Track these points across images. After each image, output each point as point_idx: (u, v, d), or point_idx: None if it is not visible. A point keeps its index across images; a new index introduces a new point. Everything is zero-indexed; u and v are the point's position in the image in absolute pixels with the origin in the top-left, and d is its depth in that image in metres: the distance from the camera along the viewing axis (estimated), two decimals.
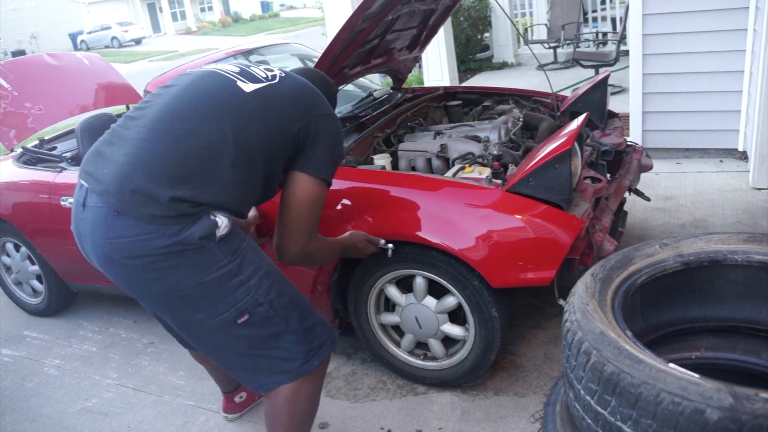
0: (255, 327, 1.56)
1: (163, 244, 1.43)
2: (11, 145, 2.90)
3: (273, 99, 1.60)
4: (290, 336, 1.60)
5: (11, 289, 3.51)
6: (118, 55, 26.95)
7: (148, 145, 1.48)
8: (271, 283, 1.58)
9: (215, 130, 1.51)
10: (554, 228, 1.94)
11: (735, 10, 3.74)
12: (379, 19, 2.38)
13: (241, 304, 1.52)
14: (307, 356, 1.63)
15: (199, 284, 1.48)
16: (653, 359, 1.23)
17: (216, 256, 1.49)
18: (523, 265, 1.96)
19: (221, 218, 1.50)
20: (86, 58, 3.43)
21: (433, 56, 6.35)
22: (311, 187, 1.63)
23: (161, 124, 1.51)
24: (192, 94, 1.57)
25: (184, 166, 1.47)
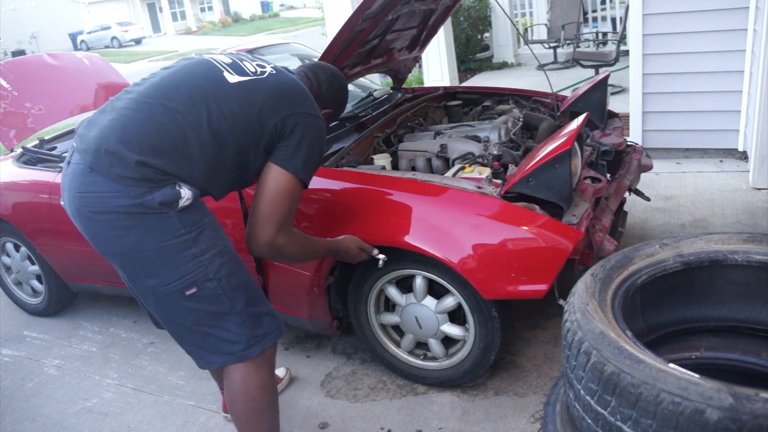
0: (202, 302, 1.61)
1: (125, 203, 1.52)
2: (11, 145, 2.90)
3: (253, 92, 1.66)
4: (235, 318, 1.65)
5: (11, 289, 3.51)
6: (118, 55, 26.96)
7: (129, 114, 1.59)
8: (223, 262, 1.63)
9: (192, 111, 1.60)
10: (551, 239, 1.88)
11: (735, 10, 3.74)
12: (379, 19, 2.38)
13: (191, 276, 1.58)
14: (250, 342, 1.68)
15: (155, 248, 1.55)
16: (653, 359, 1.23)
17: (174, 224, 1.56)
18: (515, 277, 1.91)
19: (185, 190, 1.58)
20: (86, 58, 3.43)
21: (433, 56, 6.35)
22: (281, 179, 1.67)
23: (146, 98, 1.61)
24: (181, 76, 1.67)
25: (156, 137, 1.56)
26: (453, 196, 2.04)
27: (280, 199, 1.67)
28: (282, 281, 2.35)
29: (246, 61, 1.75)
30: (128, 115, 1.58)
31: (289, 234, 1.72)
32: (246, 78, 1.68)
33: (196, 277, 1.59)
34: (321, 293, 2.28)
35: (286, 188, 1.68)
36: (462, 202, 2.02)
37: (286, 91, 1.70)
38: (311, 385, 2.46)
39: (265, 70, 1.73)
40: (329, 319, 2.35)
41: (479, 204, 2.00)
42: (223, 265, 1.63)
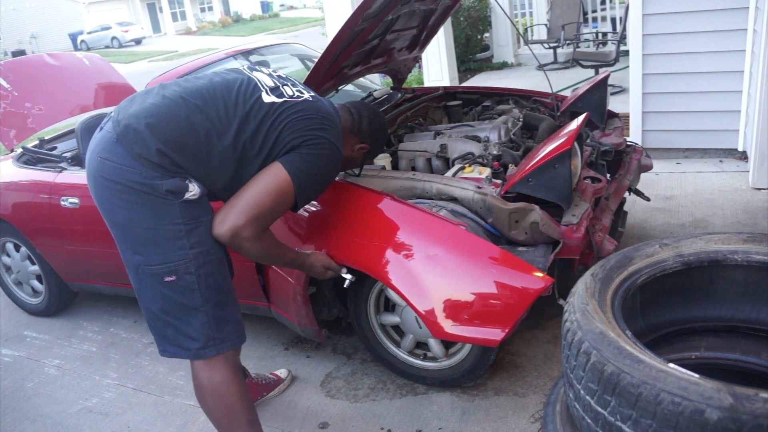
0: (176, 291, 1.68)
1: (136, 179, 1.62)
2: (11, 145, 2.90)
3: (282, 112, 1.73)
4: (201, 316, 1.71)
5: (11, 289, 3.51)
6: (118, 55, 26.95)
7: (168, 104, 1.68)
8: (207, 261, 1.69)
9: (223, 121, 1.69)
10: (516, 282, 1.74)
11: (735, 10, 3.74)
12: (379, 19, 2.38)
13: (174, 264, 1.66)
14: (207, 342, 1.73)
15: (148, 228, 1.64)
16: (653, 359, 1.23)
17: (174, 212, 1.64)
18: (468, 320, 1.80)
19: (194, 185, 1.67)
20: (86, 58, 3.43)
21: (433, 56, 6.35)
22: (278, 175, 1.71)
23: (188, 95, 1.70)
24: (225, 86, 1.76)
25: (184, 134, 1.65)
26: (422, 222, 1.95)
27: (267, 194, 1.70)
28: (276, 283, 2.35)
29: (287, 86, 1.83)
30: (166, 104, 1.67)
31: (258, 231, 1.71)
32: (280, 99, 1.76)
33: (178, 267, 1.66)
34: (304, 302, 2.23)
35: (277, 186, 1.70)
36: (428, 231, 1.93)
37: (312, 114, 1.77)
38: (311, 385, 2.46)
39: (302, 96, 1.81)
40: (316, 327, 2.30)
41: (447, 235, 1.89)
42: (206, 263, 1.69)
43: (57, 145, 3.57)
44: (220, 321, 1.73)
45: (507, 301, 1.74)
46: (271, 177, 1.71)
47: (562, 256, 1.99)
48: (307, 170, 1.73)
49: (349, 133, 1.97)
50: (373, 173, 2.22)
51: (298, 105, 1.76)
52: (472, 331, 1.78)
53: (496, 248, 1.86)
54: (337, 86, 2.79)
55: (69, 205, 2.83)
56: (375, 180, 2.19)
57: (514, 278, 1.76)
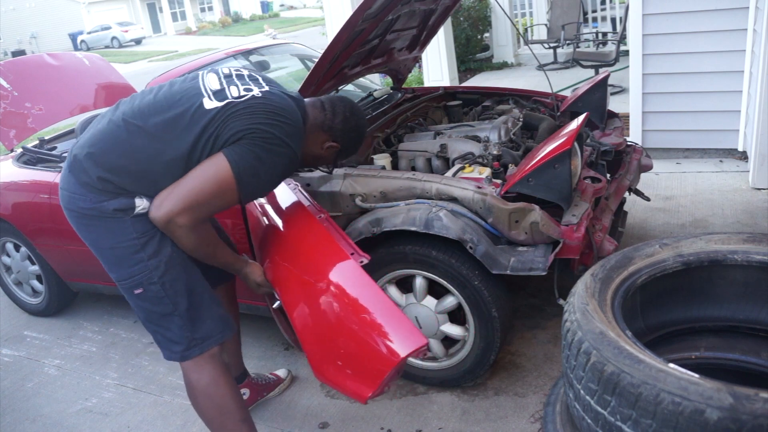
0: (148, 302, 1.75)
1: (85, 206, 1.69)
2: (11, 145, 2.90)
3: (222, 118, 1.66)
4: (177, 320, 1.76)
5: (11, 289, 3.51)
6: (118, 55, 26.95)
7: (111, 129, 1.70)
8: (168, 269, 1.72)
9: (165, 135, 1.67)
10: (383, 346, 1.60)
11: (735, 10, 3.74)
12: (379, 19, 2.38)
13: (137, 278, 1.72)
14: (190, 344, 1.78)
15: (109, 248, 1.72)
16: (653, 359, 1.23)
17: (127, 228, 1.69)
18: (342, 369, 1.69)
19: (142, 200, 1.69)
20: (86, 58, 3.43)
21: (433, 56, 6.35)
22: (217, 162, 1.64)
23: (130, 117, 1.70)
24: (166, 99, 1.72)
25: (125, 158, 1.67)
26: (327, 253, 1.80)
27: (206, 181, 1.64)
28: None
29: (235, 86, 1.73)
30: (110, 130, 1.70)
31: (193, 220, 1.66)
32: (222, 103, 1.68)
33: (142, 279, 1.71)
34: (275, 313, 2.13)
35: (216, 174, 1.64)
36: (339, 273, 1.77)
37: (257, 110, 1.68)
38: (311, 385, 2.46)
39: (248, 94, 1.70)
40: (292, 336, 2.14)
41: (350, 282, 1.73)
42: (168, 270, 1.72)
43: (57, 145, 3.57)
44: (196, 321, 1.78)
45: (374, 362, 1.61)
46: (212, 165, 1.65)
47: (562, 256, 1.99)
48: (248, 161, 1.64)
49: (319, 130, 1.84)
50: (373, 173, 2.22)
51: (242, 104, 1.68)
52: (345, 382, 1.68)
53: (387, 303, 1.65)
54: (337, 86, 2.79)
55: None
56: (375, 180, 2.19)
57: (387, 338, 1.60)
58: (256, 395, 2.36)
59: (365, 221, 2.14)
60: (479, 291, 2.05)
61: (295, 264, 1.85)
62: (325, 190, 2.22)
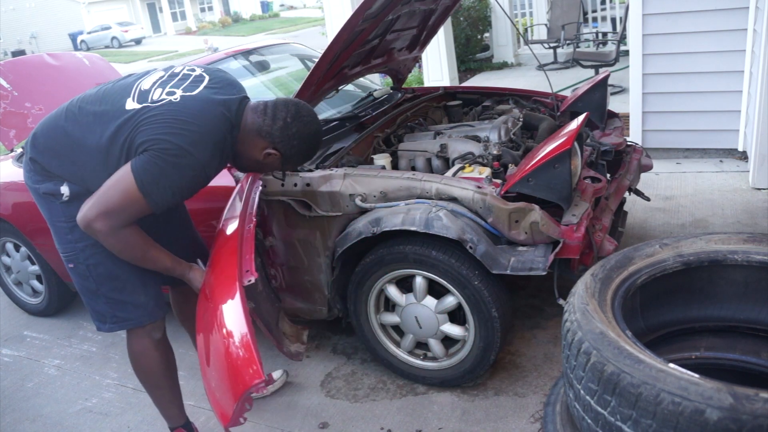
0: (78, 277, 1.93)
1: (29, 183, 1.90)
2: (11, 145, 2.90)
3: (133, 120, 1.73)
4: (102, 298, 1.94)
5: (11, 289, 3.51)
6: (118, 55, 26.95)
7: (55, 114, 1.87)
8: (94, 253, 1.87)
9: (92, 126, 1.78)
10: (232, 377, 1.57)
11: (735, 10, 3.74)
12: (379, 19, 2.38)
13: (68, 255, 1.91)
14: (113, 320, 1.97)
15: (50, 223, 1.91)
16: (653, 359, 1.23)
17: (58, 211, 1.87)
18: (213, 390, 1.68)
19: (65, 188, 1.83)
20: (86, 58, 3.42)
21: (433, 56, 6.35)
22: (123, 172, 1.70)
23: (71, 107, 1.85)
24: (105, 92, 1.85)
25: (58, 143, 1.82)
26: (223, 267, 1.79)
27: (114, 191, 1.70)
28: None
29: (161, 89, 1.78)
30: (53, 115, 1.87)
31: (110, 226, 1.71)
32: (140, 105, 1.75)
33: (71, 257, 1.90)
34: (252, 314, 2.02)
35: (122, 184, 1.69)
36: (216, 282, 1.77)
37: (166, 118, 1.70)
38: (311, 385, 2.46)
39: (166, 99, 1.74)
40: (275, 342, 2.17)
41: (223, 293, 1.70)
42: (93, 255, 1.87)
43: None
44: (118, 303, 1.94)
45: (229, 391, 1.58)
46: (119, 175, 1.71)
47: (562, 256, 1.99)
48: (149, 171, 1.68)
49: (255, 135, 1.81)
50: (373, 173, 2.22)
51: (155, 110, 1.71)
52: (214, 403, 1.68)
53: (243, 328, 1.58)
54: (337, 86, 2.79)
55: None
56: (375, 180, 2.19)
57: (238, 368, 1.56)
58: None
59: (365, 221, 2.14)
60: (479, 291, 2.05)
61: (209, 274, 1.88)
62: (325, 189, 2.22)
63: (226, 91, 1.82)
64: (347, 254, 2.24)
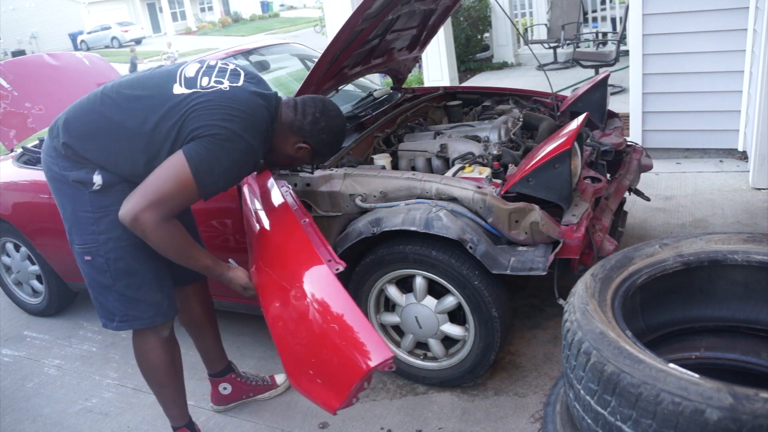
0: (93, 270, 1.87)
1: (54, 170, 1.83)
2: (11, 145, 2.90)
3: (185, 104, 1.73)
4: (114, 294, 1.88)
5: (11, 289, 3.50)
6: (118, 55, 26.94)
7: (88, 98, 1.83)
8: (116, 247, 1.83)
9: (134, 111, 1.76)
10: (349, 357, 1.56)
11: (735, 10, 3.74)
12: (379, 19, 2.38)
13: (87, 247, 1.84)
14: (122, 318, 1.92)
15: (72, 212, 1.84)
16: (653, 359, 1.23)
17: (85, 201, 1.81)
18: (313, 379, 1.68)
19: (98, 177, 1.78)
20: (86, 58, 3.42)
21: (433, 56, 6.35)
22: (176, 160, 1.70)
23: (107, 91, 1.81)
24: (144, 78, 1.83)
25: (93, 126, 1.77)
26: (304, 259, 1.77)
27: (166, 179, 1.70)
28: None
29: (207, 77, 1.80)
30: (86, 99, 1.83)
31: (158, 218, 1.69)
32: (189, 91, 1.76)
33: (91, 249, 1.84)
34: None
35: (175, 172, 1.69)
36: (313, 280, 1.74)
37: (219, 105, 1.73)
38: None
39: (216, 87, 1.76)
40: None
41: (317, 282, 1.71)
42: (115, 249, 1.83)
43: None
44: (131, 301, 1.89)
45: (341, 373, 1.59)
46: (171, 163, 1.71)
47: (562, 256, 1.99)
48: (205, 158, 1.69)
49: (288, 130, 1.90)
50: (373, 173, 2.22)
51: (205, 96, 1.74)
52: (316, 392, 1.67)
53: (357, 314, 1.61)
54: (337, 86, 2.79)
55: None
56: (375, 180, 2.19)
57: (354, 350, 1.57)
58: (240, 393, 2.36)
59: (365, 221, 2.14)
60: (479, 291, 2.05)
61: (274, 269, 1.85)
62: (325, 189, 2.22)
63: (262, 86, 1.89)
64: (347, 254, 2.24)
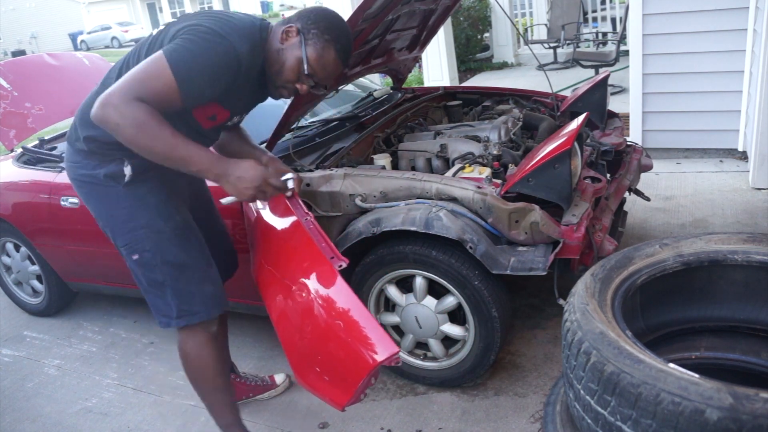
0: (144, 268, 1.80)
1: (83, 173, 1.75)
2: (11, 145, 2.90)
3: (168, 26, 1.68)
4: (168, 290, 1.82)
5: (11, 289, 3.50)
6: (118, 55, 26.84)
7: (96, 90, 1.75)
8: (160, 239, 1.77)
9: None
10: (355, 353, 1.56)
11: (735, 10, 3.75)
12: (379, 19, 2.38)
13: (132, 244, 1.77)
14: (179, 313, 1.84)
15: (108, 215, 1.78)
16: (653, 359, 1.23)
17: (120, 197, 1.74)
18: (320, 375, 1.68)
19: (128, 168, 1.72)
20: (86, 58, 3.42)
21: (433, 56, 6.35)
22: (154, 57, 1.56)
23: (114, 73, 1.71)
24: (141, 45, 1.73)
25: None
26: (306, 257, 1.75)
27: (138, 69, 1.55)
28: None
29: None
30: (93, 91, 1.75)
31: (125, 97, 1.50)
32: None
33: (137, 246, 1.77)
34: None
35: (151, 66, 1.54)
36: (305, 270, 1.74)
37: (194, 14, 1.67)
38: None
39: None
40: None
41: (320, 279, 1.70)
42: (159, 242, 1.77)
43: (57, 145, 3.56)
44: (185, 294, 1.82)
45: (348, 369, 1.58)
46: (149, 60, 1.57)
47: (562, 256, 1.99)
48: (182, 53, 1.54)
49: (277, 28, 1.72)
50: (373, 173, 2.22)
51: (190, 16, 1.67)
52: (323, 388, 1.68)
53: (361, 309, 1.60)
54: (337, 86, 2.79)
55: (69, 205, 2.82)
56: (375, 180, 2.19)
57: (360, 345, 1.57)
58: (240, 394, 2.36)
59: (365, 221, 2.14)
60: (479, 291, 2.05)
61: (277, 267, 1.85)
62: (325, 190, 2.22)
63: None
64: (347, 254, 2.24)
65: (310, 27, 1.69)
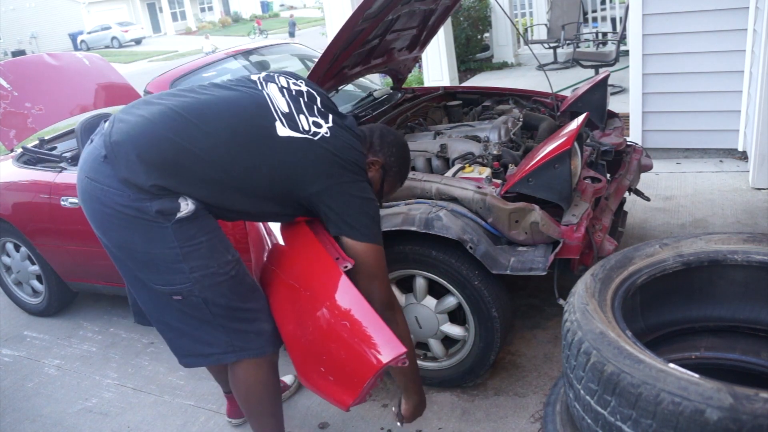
0: (187, 307, 1.63)
1: (124, 203, 1.52)
2: (11, 145, 2.90)
3: (299, 152, 1.60)
4: (217, 328, 1.67)
5: (11, 289, 3.51)
6: (118, 55, 26.95)
7: (162, 121, 1.54)
8: (213, 284, 1.61)
9: (230, 148, 1.57)
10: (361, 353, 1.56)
11: (735, 10, 3.74)
12: (379, 19, 2.38)
13: (176, 287, 1.60)
14: (226, 349, 1.70)
15: (144, 252, 1.57)
16: (653, 359, 1.23)
17: (167, 235, 1.54)
18: (324, 374, 1.68)
19: (185, 202, 1.55)
20: (86, 58, 3.42)
21: (433, 56, 6.35)
22: (359, 248, 1.65)
23: (188, 114, 1.56)
24: (231, 107, 1.61)
25: (180, 160, 1.53)
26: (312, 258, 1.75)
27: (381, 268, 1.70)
28: None
29: (303, 114, 1.66)
30: (159, 123, 1.54)
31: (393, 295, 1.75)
32: (297, 135, 1.61)
33: (181, 289, 1.60)
34: None
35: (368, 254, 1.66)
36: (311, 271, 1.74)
37: (334, 160, 1.62)
38: None
39: (319, 132, 1.63)
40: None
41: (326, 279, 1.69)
42: (212, 286, 1.61)
43: (57, 145, 3.57)
44: (235, 332, 1.69)
45: (354, 369, 1.59)
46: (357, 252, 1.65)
47: (562, 256, 1.99)
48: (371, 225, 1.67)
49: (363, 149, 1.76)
50: None
51: (319, 146, 1.61)
52: (328, 389, 1.68)
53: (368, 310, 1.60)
54: (337, 86, 2.79)
55: (69, 205, 2.82)
56: None
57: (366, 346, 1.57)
58: None
59: None
60: (479, 291, 2.05)
61: (282, 268, 1.84)
62: None
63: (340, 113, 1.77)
64: None
65: (392, 164, 1.80)
